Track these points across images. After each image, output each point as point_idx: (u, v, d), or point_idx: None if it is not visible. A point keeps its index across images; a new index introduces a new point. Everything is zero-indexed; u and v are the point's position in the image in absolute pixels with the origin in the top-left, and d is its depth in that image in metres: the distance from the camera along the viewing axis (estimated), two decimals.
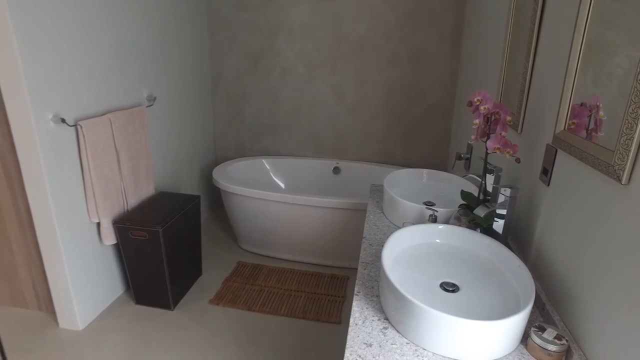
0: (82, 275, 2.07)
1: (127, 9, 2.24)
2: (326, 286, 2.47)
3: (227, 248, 2.91)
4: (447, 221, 1.36)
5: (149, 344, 2.00)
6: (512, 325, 0.82)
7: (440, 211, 1.37)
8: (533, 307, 1.04)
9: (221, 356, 1.93)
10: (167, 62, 2.67)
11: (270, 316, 2.21)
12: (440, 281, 1.04)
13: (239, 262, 2.71)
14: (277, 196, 2.50)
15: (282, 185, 3.21)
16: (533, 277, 1.06)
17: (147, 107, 2.42)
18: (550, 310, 0.98)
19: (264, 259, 2.76)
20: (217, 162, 3.45)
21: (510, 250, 1.07)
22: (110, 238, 2.12)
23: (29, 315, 2.19)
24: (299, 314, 2.22)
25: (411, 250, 1.16)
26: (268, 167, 3.20)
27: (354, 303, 1.02)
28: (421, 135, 3.02)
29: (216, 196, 3.48)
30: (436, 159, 3.06)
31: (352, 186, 3.10)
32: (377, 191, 1.77)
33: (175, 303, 2.27)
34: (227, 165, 2.99)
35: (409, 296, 0.86)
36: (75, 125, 1.92)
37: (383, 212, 1.56)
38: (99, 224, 2.12)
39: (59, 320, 2.10)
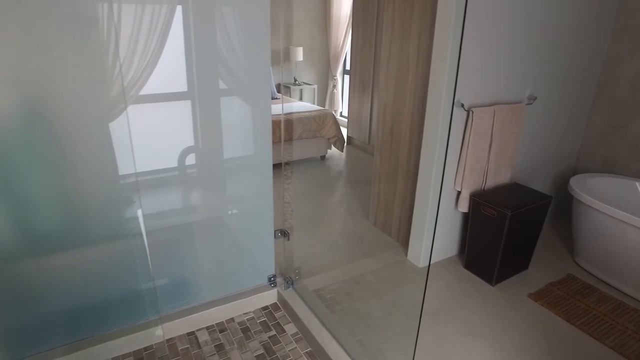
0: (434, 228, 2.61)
1: (529, 15, 2.47)
2: None
3: (559, 256, 2.86)
4: None
5: (464, 302, 2.34)
6: None
7: None
8: None
9: (522, 346, 2.04)
10: (554, 64, 2.75)
11: (591, 339, 2.11)
12: None
13: (568, 274, 2.64)
14: None
15: None
16: None
17: (526, 104, 2.64)
18: None
19: (598, 282, 2.57)
20: (575, 171, 3.32)
21: None
22: (464, 206, 2.54)
23: (390, 242, 2.96)
24: (631, 355, 2.01)
25: None
26: None
27: None
28: None
29: (563, 204, 3.38)
30: None
31: None
32: None
33: (497, 281, 2.51)
34: (588, 176, 2.86)
35: None
36: (468, 110, 2.38)
37: None
38: (459, 193, 2.58)
39: (408, 254, 2.74)
